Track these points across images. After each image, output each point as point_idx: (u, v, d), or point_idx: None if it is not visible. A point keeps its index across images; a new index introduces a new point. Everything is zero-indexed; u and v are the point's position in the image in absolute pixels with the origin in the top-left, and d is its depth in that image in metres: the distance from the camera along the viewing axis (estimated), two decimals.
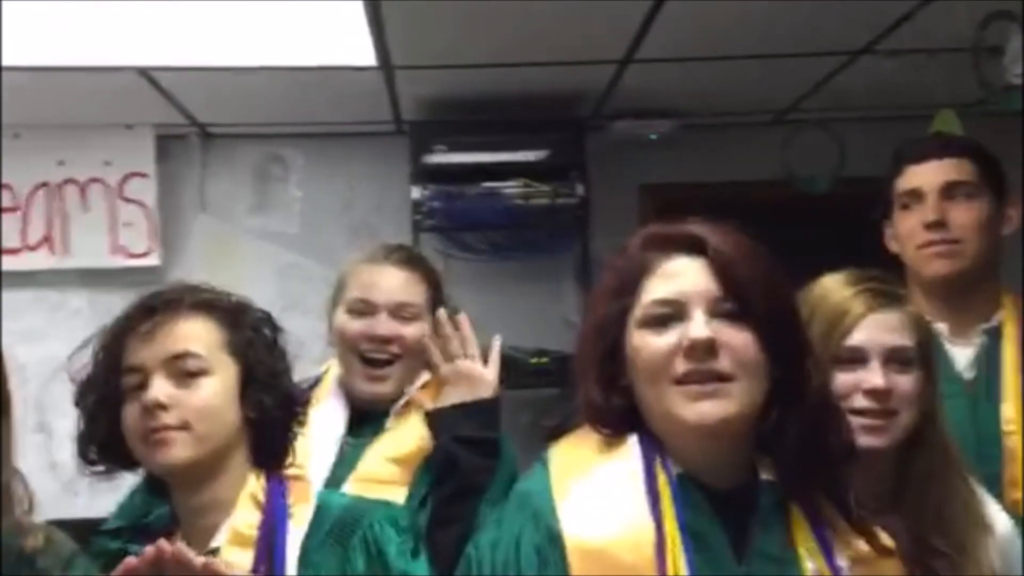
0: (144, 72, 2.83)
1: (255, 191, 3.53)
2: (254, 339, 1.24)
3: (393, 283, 1.77)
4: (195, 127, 3.40)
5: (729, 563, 1.06)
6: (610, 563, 1.04)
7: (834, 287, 1.37)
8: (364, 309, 1.75)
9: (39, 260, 3.30)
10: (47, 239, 3.31)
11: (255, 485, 1.22)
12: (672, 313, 1.08)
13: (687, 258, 1.10)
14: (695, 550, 1.04)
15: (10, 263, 3.26)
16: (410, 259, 1.84)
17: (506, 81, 3.00)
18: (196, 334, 1.21)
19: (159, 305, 1.21)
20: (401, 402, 1.76)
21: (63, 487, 2.81)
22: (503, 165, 3.11)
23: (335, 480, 1.63)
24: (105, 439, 1.22)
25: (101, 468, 1.26)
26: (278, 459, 1.26)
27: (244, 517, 1.20)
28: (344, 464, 1.67)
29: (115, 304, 3.79)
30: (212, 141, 3.50)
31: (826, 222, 2.88)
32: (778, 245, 1.12)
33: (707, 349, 1.05)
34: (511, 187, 3.10)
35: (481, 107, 3.17)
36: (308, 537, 1.21)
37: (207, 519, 1.21)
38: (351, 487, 1.60)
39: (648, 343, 1.08)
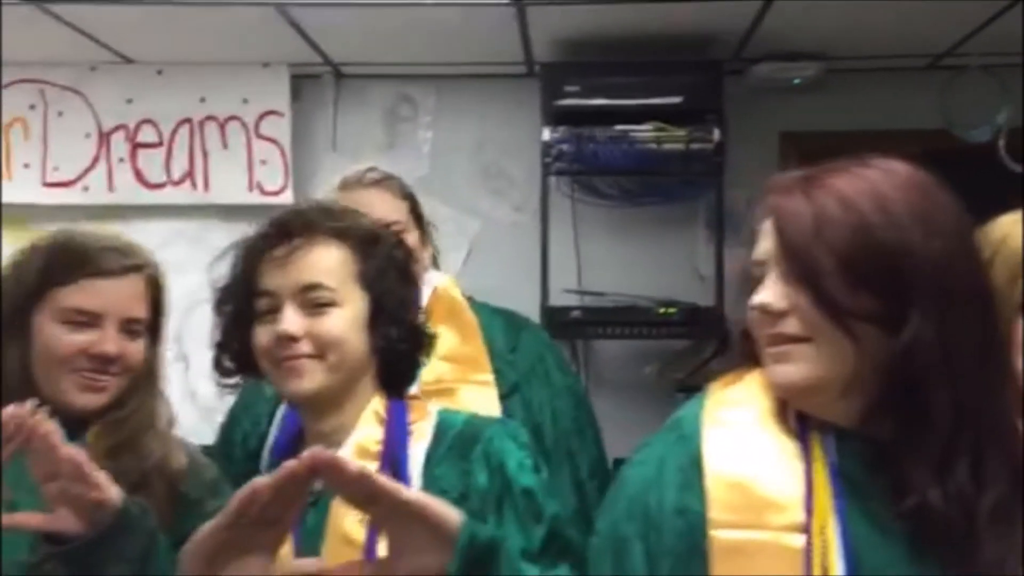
0: (282, 9, 2.85)
1: (385, 132, 3.53)
2: (386, 269, 1.25)
3: (376, 203, 1.77)
4: (329, 66, 3.42)
5: (884, 514, 1.00)
6: (752, 496, 1.02)
7: (1016, 228, 1.24)
8: None
9: (181, 195, 3.39)
10: (189, 174, 3.40)
11: (377, 404, 1.24)
12: (761, 275, 1.06)
13: (770, 218, 1.06)
14: (846, 495, 1.00)
15: (154, 197, 3.37)
16: (382, 178, 1.86)
17: (642, 20, 2.90)
18: (329, 265, 1.21)
19: (296, 229, 1.21)
20: None
21: (201, 416, 2.90)
22: (636, 108, 3.01)
23: None
24: (238, 352, 1.25)
25: (234, 379, 1.30)
26: (402, 386, 1.28)
27: (367, 432, 1.22)
28: None
29: None
30: (344, 81, 3.51)
31: (987, 173, 2.71)
32: None
33: (776, 313, 1.02)
34: (644, 131, 3.00)
35: (615, 48, 3.07)
36: (429, 452, 1.22)
37: (333, 441, 1.22)
38: None
39: (748, 303, 1.07)
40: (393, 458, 1.18)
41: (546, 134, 3.08)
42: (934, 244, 1.00)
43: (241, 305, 1.24)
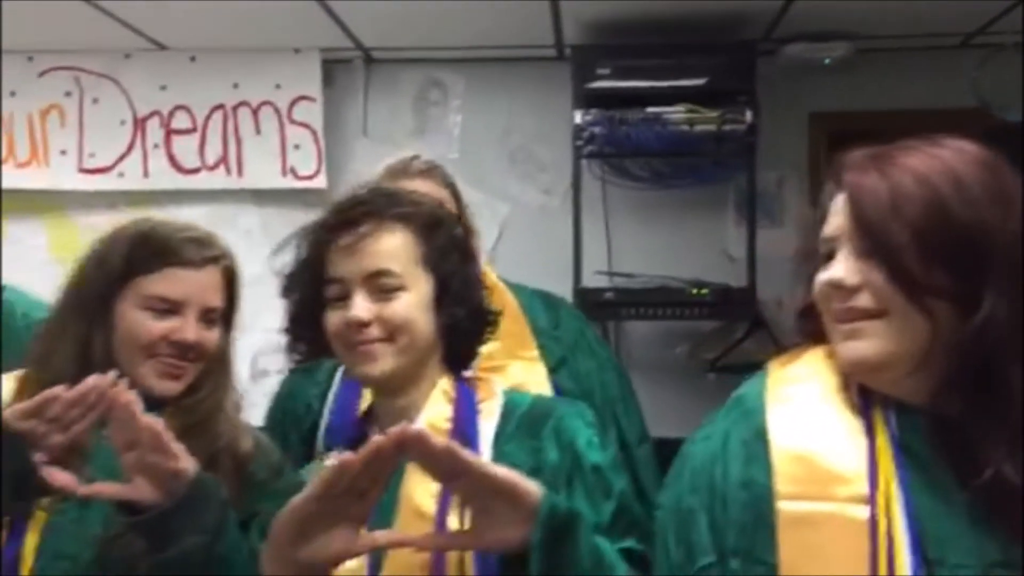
0: None
1: (415, 116, 3.55)
2: (448, 250, 1.27)
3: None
4: (360, 51, 3.44)
5: (947, 486, 1.02)
6: (816, 469, 1.04)
7: None
8: None
9: (216, 180, 3.42)
10: (223, 160, 3.43)
11: (445, 383, 1.27)
12: (830, 251, 1.07)
13: (842, 195, 1.07)
14: (909, 468, 1.02)
15: (188, 182, 3.41)
16: (423, 169, 1.90)
17: (673, 2, 2.90)
18: (395, 251, 1.25)
19: (360, 217, 1.24)
20: None
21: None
22: (668, 90, 3.01)
23: None
24: (308, 335, 1.29)
25: (305, 359, 1.35)
26: (466, 364, 1.31)
27: (437, 411, 1.25)
28: None
29: (284, 223, 3.91)
30: (374, 66, 3.53)
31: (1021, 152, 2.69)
32: None
33: (849, 289, 1.03)
34: (676, 112, 3.01)
35: (645, 30, 3.07)
36: (498, 430, 1.25)
37: (403, 420, 1.23)
38: None
39: (817, 279, 1.08)
40: (463, 436, 1.20)
41: (578, 117, 3.09)
42: (1009, 222, 1.01)
43: (310, 292, 1.27)
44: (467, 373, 1.33)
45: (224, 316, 1.48)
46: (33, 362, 1.44)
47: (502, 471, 1.04)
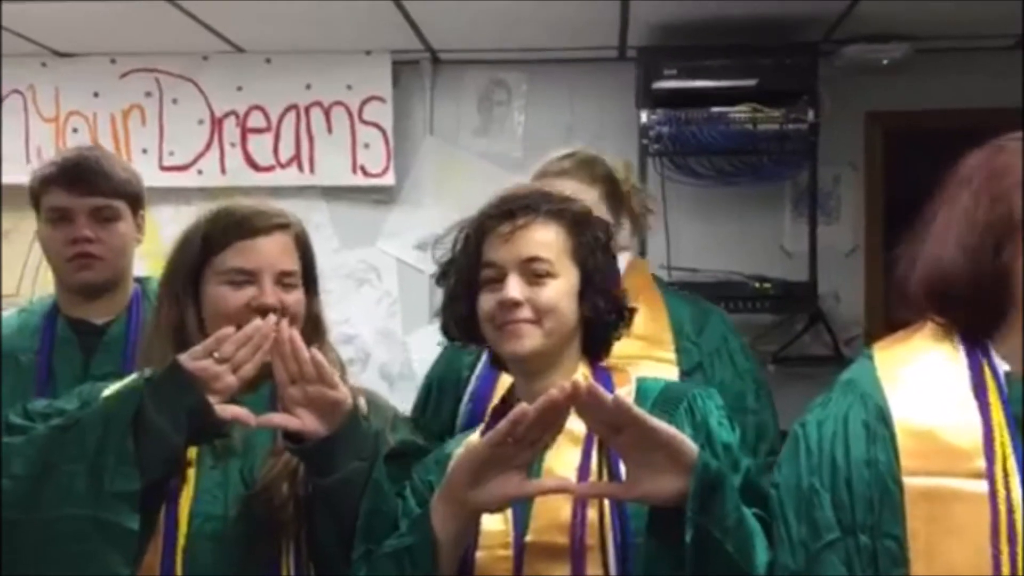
0: None
1: (480, 115, 3.66)
2: (594, 247, 1.37)
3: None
4: (427, 52, 3.55)
5: None
6: (938, 445, 1.11)
7: None
8: None
9: (289, 177, 3.56)
10: (296, 158, 3.56)
11: (584, 368, 1.37)
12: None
13: None
14: None
15: (263, 179, 3.53)
16: (574, 166, 1.89)
17: (737, 3, 2.99)
18: (547, 241, 1.34)
19: (518, 210, 1.34)
20: None
21: None
22: (732, 89, 3.11)
23: None
24: (462, 318, 1.38)
25: (459, 342, 1.44)
26: (602, 354, 1.40)
27: None
28: None
29: (353, 219, 4.01)
30: (441, 67, 3.64)
31: None
32: None
33: None
34: (741, 112, 3.10)
35: (710, 31, 3.17)
36: None
37: None
38: None
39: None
40: None
41: (644, 116, 3.19)
42: None
43: (466, 275, 1.37)
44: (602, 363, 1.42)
45: (305, 279, 1.53)
46: (141, 355, 1.54)
47: (665, 425, 1.12)
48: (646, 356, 1.77)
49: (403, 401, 1.85)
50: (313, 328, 1.53)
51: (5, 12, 3.09)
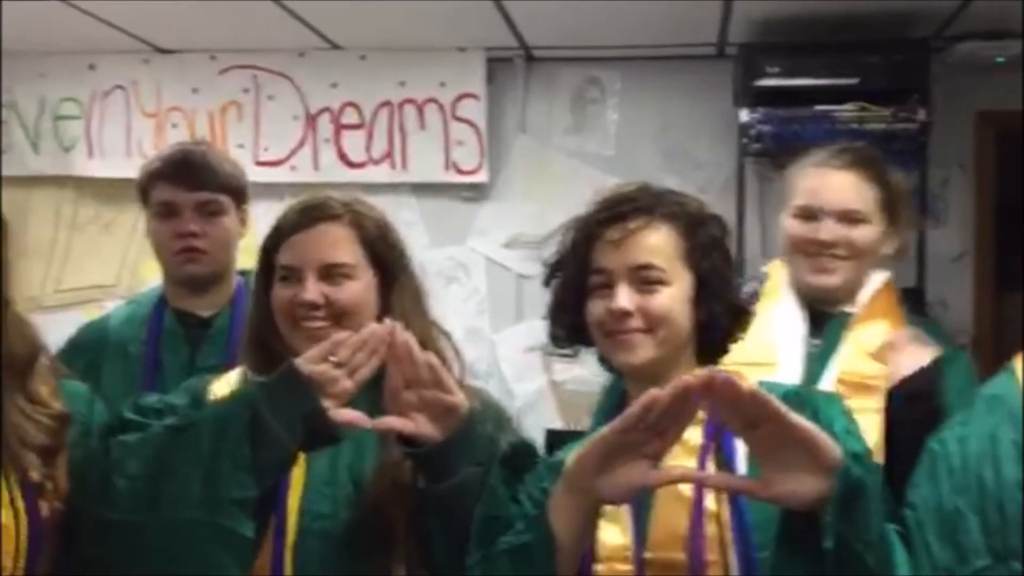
0: None
1: (573, 113, 3.62)
2: (710, 249, 1.30)
3: (837, 187, 1.76)
4: (521, 50, 3.52)
5: None
6: None
7: None
8: (806, 215, 1.77)
9: (381, 174, 3.56)
10: (388, 154, 3.56)
11: (699, 373, 1.29)
12: None
13: None
14: None
15: (356, 175, 3.54)
16: (856, 161, 1.78)
17: (840, 2, 2.89)
18: (660, 246, 1.28)
19: (629, 213, 1.28)
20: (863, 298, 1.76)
21: None
22: (837, 87, 3.01)
23: (810, 379, 1.69)
24: (570, 323, 1.33)
25: (567, 347, 1.38)
26: (717, 358, 1.33)
27: None
28: (816, 363, 1.73)
29: (443, 217, 4.02)
30: (534, 64, 3.61)
31: None
32: None
33: None
34: (846, 110, 3.00)
35: (814, 27, 3.07)
36: None
37: None
38: (834, 386, 1.65)
39: None
40: (718, 422, 1.20)
41: (744, 115, 3.11)
42: None
43: (574, 281, 1.32)
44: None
45: (380, 268, 1.45)
46: (242, 349, 1.52)
47: (805, 421, 1.03)
48: (752, 364, 1.69)
49: None
50: (405, 322, 1.41)
51: (109, 9, 3.15)
